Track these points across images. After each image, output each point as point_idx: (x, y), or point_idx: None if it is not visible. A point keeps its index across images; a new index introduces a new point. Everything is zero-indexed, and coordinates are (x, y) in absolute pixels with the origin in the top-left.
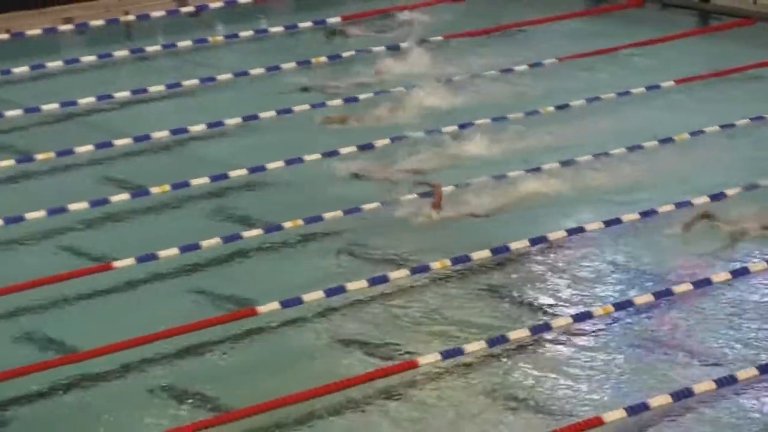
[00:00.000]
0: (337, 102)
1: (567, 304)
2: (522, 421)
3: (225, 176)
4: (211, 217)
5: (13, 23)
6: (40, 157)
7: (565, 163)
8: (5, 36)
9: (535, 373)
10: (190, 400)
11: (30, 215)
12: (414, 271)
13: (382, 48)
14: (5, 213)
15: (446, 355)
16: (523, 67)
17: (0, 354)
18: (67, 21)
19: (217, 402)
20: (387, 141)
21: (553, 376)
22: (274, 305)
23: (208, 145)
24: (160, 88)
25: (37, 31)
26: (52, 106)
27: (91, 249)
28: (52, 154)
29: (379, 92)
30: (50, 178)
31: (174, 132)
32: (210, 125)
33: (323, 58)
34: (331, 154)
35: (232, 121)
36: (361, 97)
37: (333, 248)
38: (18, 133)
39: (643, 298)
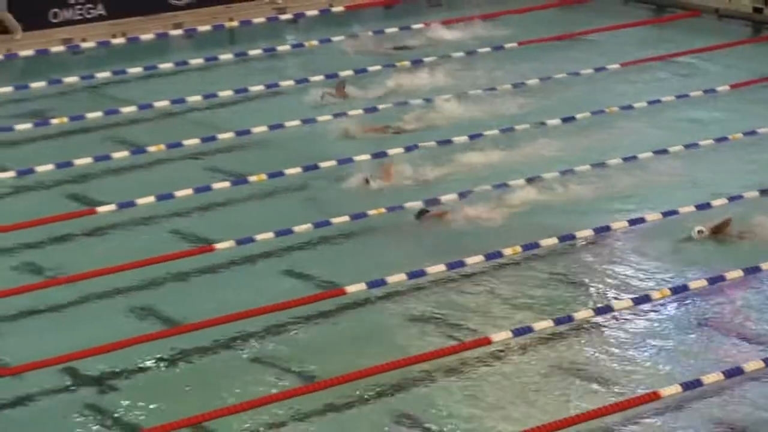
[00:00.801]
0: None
1: (627, 287)
2: (586, 394)
3: (315, 167)
4: (302, 204)
5: (128, 28)
6: (151, 149)
7: (625, 159)
8: (121, 40)
9: (598, 350)
10: (283, 371)
11: (141, 201)
12: (488, 257)
13: (461, 53)
14: (119, 198)
15: (517, 332)
16: (589, 71)
17: (113, 327)
18: (177, 26)
19: (307, 372)
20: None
21: (615, 352)
22: (361, 286)
23: (300, 139)
24: (260, 87)
25: (150, 36)
26: (162, 103)
27: (195, 232)
28: (162, 147)
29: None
30: (160, 167)
31: (272, 128)
32: (304, 121)
33: (407, 63)
34: (410, 148)
35: (323, 118)
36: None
37: (413, 233)
38: (132, 128)
39: (697, 283)
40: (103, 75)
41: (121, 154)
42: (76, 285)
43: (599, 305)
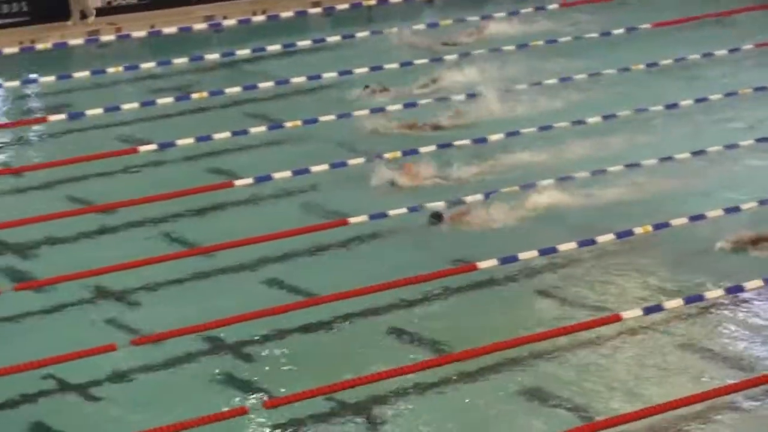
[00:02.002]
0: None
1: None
2: (716, 371)
3: (450, 144)
4: None
5: (268, 5)
6: (288, 124)
7: (696, 153)
8: (261, 17)
9: (727, 329)
10: (416, 343)
11: (277, 175)
12: (619, 235)
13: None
14: (257, 172)
15: (647, 310)
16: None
17: (251, 297)
18: (316, 5)
19: (439, 344)
20: (599, 119)
21: (745, 333)
22: (492, 262)
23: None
24: (395, 65)
25: (289, 14)
26: (299, 80)
27: (328, 206)
28: (299, 122)
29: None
30: (296, 143)
31: (406, 106)
32: (437, 100)
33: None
34: (547, 128)
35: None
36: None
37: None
38: (269, 103)
39: None
40: (242, 52)
41: (258, 129)
42: (215, 255)
43: (729, 285)
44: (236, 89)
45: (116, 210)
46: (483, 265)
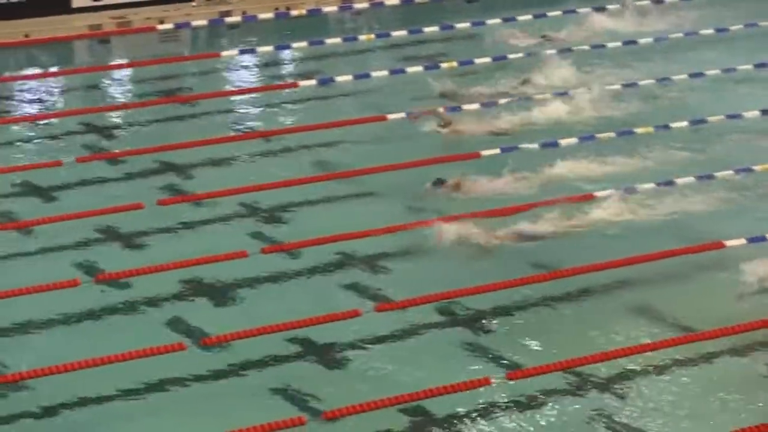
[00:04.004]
0: None
1: None
2: None
3: (704, 121)
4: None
5: None
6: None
7: None
8: None
9: None
10: (656, 319)
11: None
12: None
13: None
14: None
15: None
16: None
17: (490, 269)
18: None
19: (679, 323)
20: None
21: None
22: (741, 240)
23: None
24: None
25: None
26: (483, 60)
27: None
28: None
29: None
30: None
31: (659, 81)
32: (691, 75)
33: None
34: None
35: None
36: None
37: None
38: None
39: None
40: (492, 21)
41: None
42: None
43: None
44: (486, 59)
45: (360, 176)
46: (730, 243)
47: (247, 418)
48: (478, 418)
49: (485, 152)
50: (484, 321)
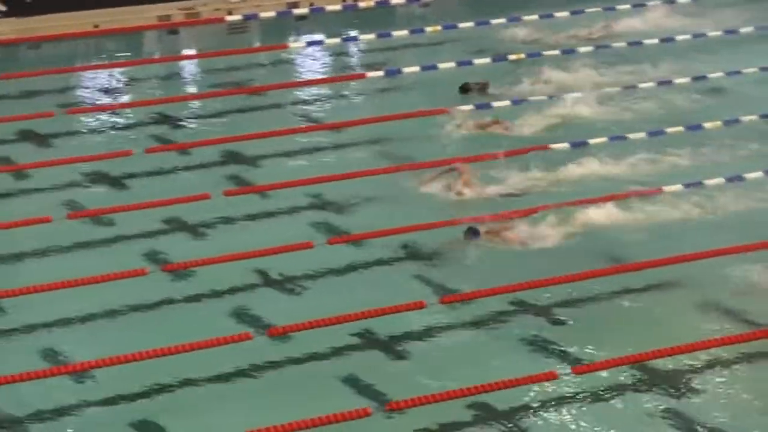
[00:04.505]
0: None
1: None
2: None
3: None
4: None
5: None
6: None
7: None
8: None
9: None
10: (723, 314)
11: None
12: None
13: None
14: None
15: None
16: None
17: (556, 259)
18: None
19: (747, 318)
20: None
21: None
22: None
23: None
24: None
25: None
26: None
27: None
28: None
29: None
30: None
31: (728, 74)
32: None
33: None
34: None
35: None
36: None
37: None
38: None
39: None
40: (560, 14)
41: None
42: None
43: None
44: (554, 52)
45: (427, 169)
46: None
47: (312, 408)
48: (543, 413)
49: (553, 146)
50: (553, 314)
